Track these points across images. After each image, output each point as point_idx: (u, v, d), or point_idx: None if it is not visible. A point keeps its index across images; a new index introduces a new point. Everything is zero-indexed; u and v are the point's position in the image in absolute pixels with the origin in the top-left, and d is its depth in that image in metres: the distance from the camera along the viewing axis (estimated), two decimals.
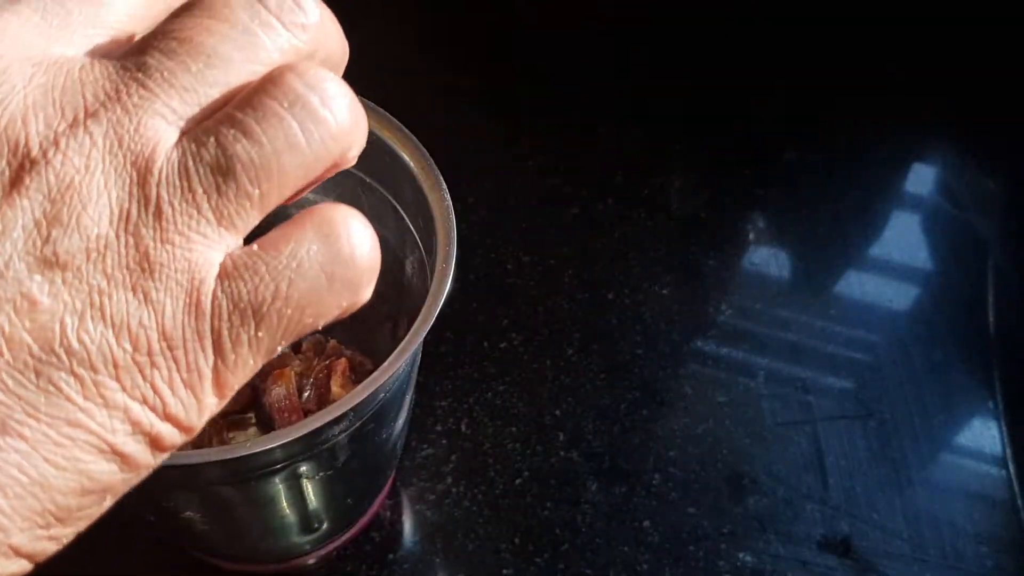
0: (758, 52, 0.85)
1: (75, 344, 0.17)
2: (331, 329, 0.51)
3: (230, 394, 0.19)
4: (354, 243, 0.20)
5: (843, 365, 0.64)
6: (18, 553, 0.17)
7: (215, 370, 0.18)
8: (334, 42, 0.21)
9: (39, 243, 0.16)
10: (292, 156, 0.18)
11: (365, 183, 0.46)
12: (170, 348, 0.17)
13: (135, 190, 0.17)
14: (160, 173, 0.17)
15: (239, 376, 0.18)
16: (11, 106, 0.17)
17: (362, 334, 0.55)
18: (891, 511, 0.57)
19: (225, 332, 0.18)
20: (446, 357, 0.61)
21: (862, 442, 0.60)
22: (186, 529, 0.44)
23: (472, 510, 0.55)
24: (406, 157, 0.43)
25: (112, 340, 0.17)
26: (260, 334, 0.18)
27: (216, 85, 0.18)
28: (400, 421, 0.46)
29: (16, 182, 0.17)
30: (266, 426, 0.49)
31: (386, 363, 0.36)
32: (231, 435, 0.50)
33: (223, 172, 0.18)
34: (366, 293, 0.21)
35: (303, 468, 0.39)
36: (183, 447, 0.20)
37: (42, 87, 0.17)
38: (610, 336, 0.64)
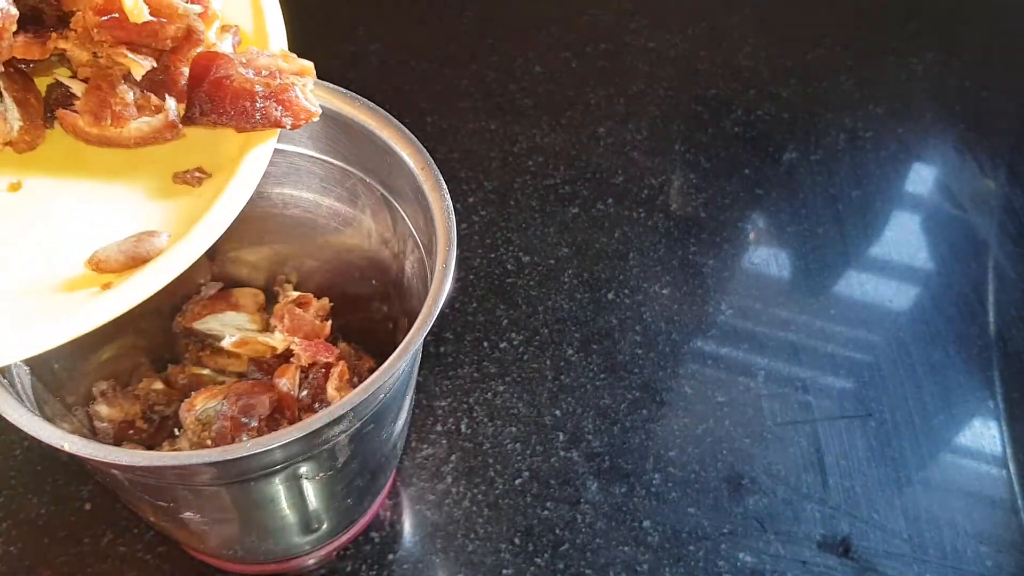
0: (758, 52, 0.85)
1: None
2: (334, 329, 0.51)
3: None
4: None
5: (843, 365, 0.64)
6: None
7: None
8: None
9: None
10: None
11: (365, 183, 0.46)
12: None
13: None
14: None
15: None
16: None
17: (362, 334, 0.55)
18: (891, 511, 0.57)
19: None
20: (446, 357, 0.61)
21: (862, 442, 0.60)
22: (186, 529, 0.44)
23: (472, 510, 0.55)
24: (406, 157, 0.43)
25: None
26: None
27: None
28: (400, 421, 0.46)
29: None
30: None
31: (386, 363, 0.36)
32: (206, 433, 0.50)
33: None
34: None
35: (303, 469, 0.39)
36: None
37: None
38: (610, 336, 0.64)
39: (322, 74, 0.45)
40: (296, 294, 0.52)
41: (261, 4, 0.36)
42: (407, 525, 0.54)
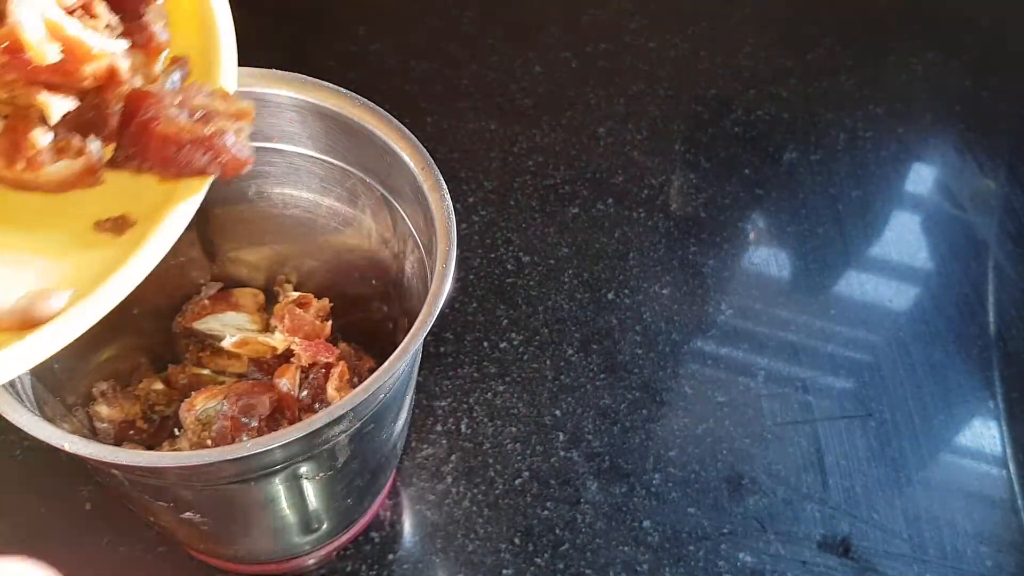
0: (758, 52, 0.85)
1: None
2: (334, 329, 0.51)
3: None
4: None
5: (843, 365, 0.64)
6: None
7: None
8: None
9: None
10: None
11: (365, 183, 0.46)
12: None
13: None
14: None
15: None
16: None
17: (362, 334, 0.55)
18: (891, 511, 0.57)
19: None
20: (446, 357, 0.61)
21: (862, 442, 0.60)
22: (186, 529, 0.44)
23: (472, 510, 0.55)
24: (406, 157, 0.43)
25: None
26: None
27: None
28: (400, 421, 0.46)
29: None
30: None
31: (386, 363, 0.36)
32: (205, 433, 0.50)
33: None
34: None
35: (303, 469, 0.39)
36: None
37: None
38: (610, 336, 0.64)
39: (322, 74, 0.45)
40: (296, 294, 0.52)
41: (217, 34, 0.33)
42: (407, 525, 0.54)
